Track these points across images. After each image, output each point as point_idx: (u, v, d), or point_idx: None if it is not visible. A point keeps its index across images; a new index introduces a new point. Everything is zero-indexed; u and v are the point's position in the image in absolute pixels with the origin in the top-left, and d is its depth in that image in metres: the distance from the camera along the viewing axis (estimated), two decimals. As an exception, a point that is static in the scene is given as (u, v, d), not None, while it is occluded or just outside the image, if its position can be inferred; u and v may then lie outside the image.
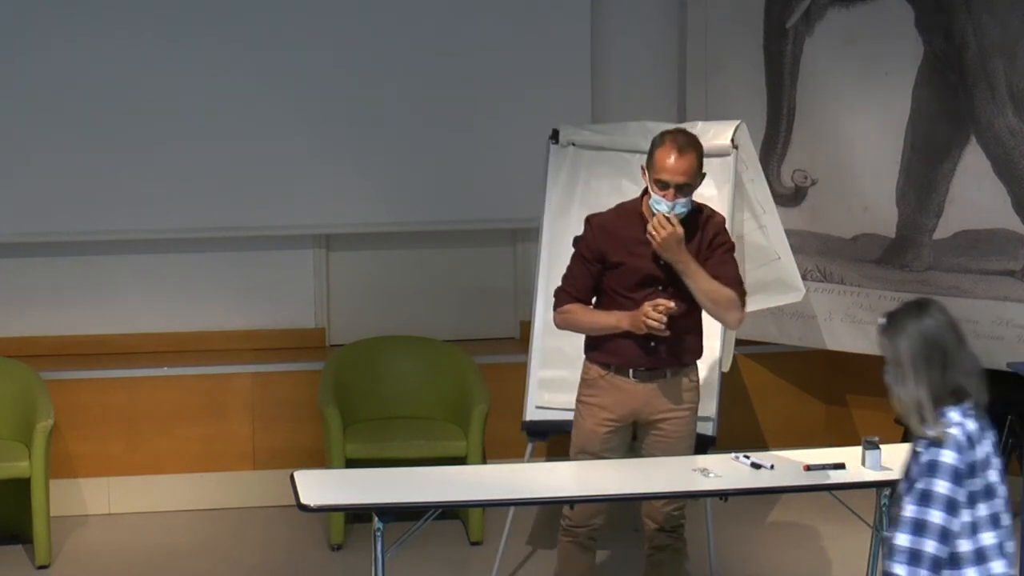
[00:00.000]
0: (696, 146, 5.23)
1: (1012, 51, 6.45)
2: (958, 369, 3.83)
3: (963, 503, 3.74)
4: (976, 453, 3.79)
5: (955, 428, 3.77)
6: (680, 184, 5.16)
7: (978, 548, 3.76)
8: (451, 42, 7.44)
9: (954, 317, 3.88)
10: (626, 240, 5.26)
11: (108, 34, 7.17)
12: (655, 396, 5.32)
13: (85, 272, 7.40)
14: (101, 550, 6.70)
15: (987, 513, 3.78)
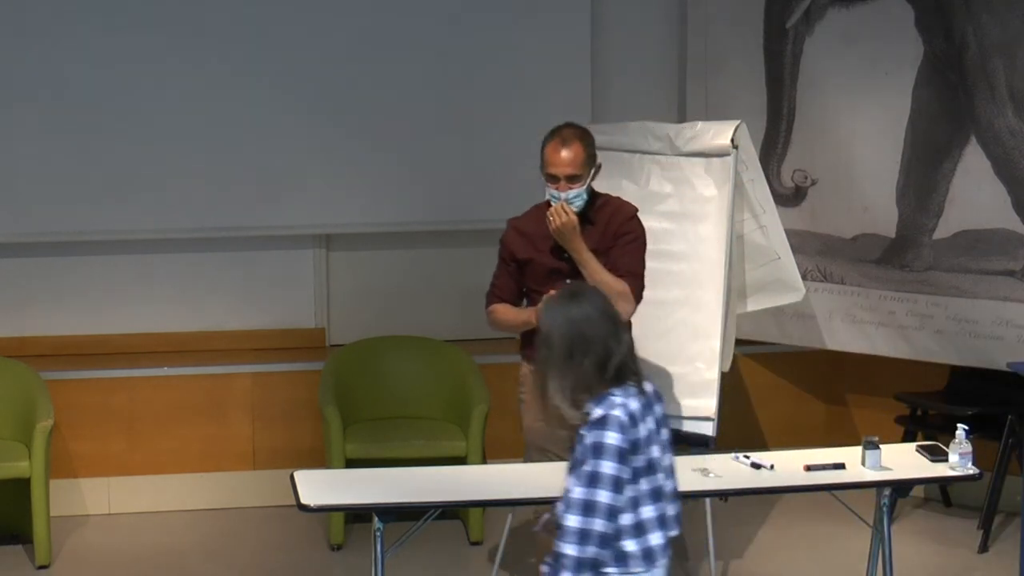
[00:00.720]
0: (583, 138, 5.40)
1: (1012, 51, 6.45)
2: (614, 353, 3.90)
3: (627, 480, 3.86)
4: (639, 431, 3.89)
5: (618, 409, 3.85)
6: (568, 175, 5.35)
7: (638, 521, 3.89)
8: (451, 42, 7.44)
9: (609, 305, 3.99)
10: (535, 237, 5.47)
11: (108, 34, 7.17)
12: None
13: (85, 272, 7.40)
14: (101, 550, 6.70)
15: (648, 488, 3.90)
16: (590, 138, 5.45)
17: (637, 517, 3.90)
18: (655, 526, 3.93)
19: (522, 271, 5.52)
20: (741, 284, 6.40)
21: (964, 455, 5.11)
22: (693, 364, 6.12)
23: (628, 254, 5.39)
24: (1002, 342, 6.61)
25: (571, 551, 3.82)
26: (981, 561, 6.55)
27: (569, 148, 5.37)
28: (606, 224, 5.41)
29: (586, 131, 5.47)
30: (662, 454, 3.97)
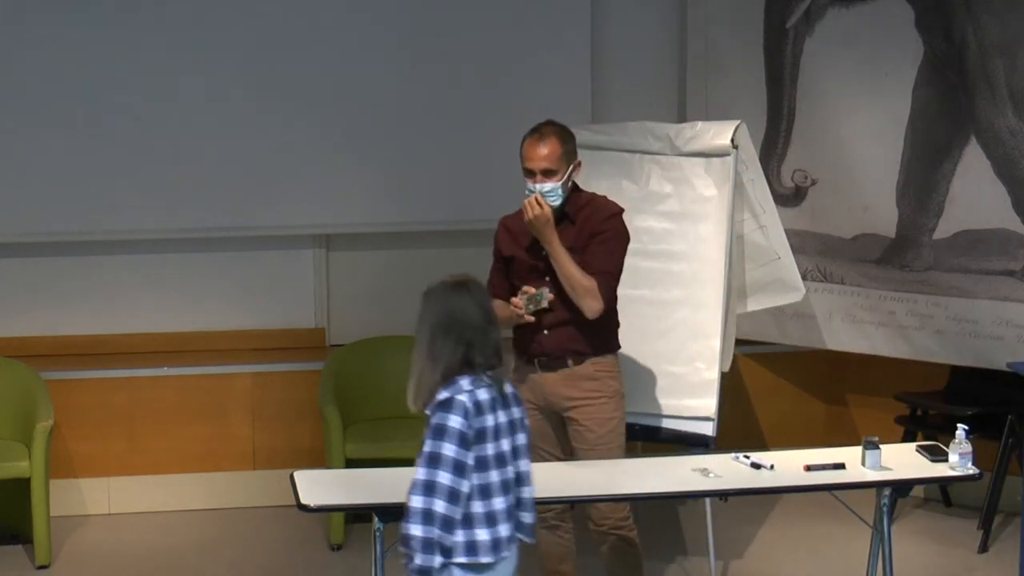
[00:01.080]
0: (559, 133, 5.42)
1: (1012, 51, 6.45)
2: (475, 345, 4.06)
3: (471, 466, 3.97)
4: (486, 421, 4.00)
5: (464, 395, 3.99)
6: (543, 169, 5.38)
7: (489, 511, 3.99)
8: (451, 42, 7.44)
9: (488, 300, 4.21)
10: (518, 234, 5.48)
11: (108, 34, 7.17)
12: (561, 385, 5.42)
13: (85, 272, 7.40)
14: (101, 550, 6.70)
15: (499, 479, 4.01)
16: (569, 136, 5.45)
17: (489, 507, 4.01)
18: (505, 517, 4.03)
19: (508, 268, 5.54)
20: (741, 284, 6.40)
21: (964, 455, 5.11)
22: (693, 364, 6.12)
23: (601, 252, 5.35)
24: (1002, 342, 6.61)
25: (416, 531, 3.92)
26: (981, 561, 6.55)
27: (545, 143, 5.39)
28: (584, 222, 5.40)
29: (566, 129, 5.47)
30: (516, 458, 4.11)
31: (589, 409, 5.40)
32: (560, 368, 5.42)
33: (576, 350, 5.40)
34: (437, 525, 3.93)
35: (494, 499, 4.03)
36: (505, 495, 4.05)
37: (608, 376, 5.45)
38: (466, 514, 3.98)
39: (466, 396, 4.01)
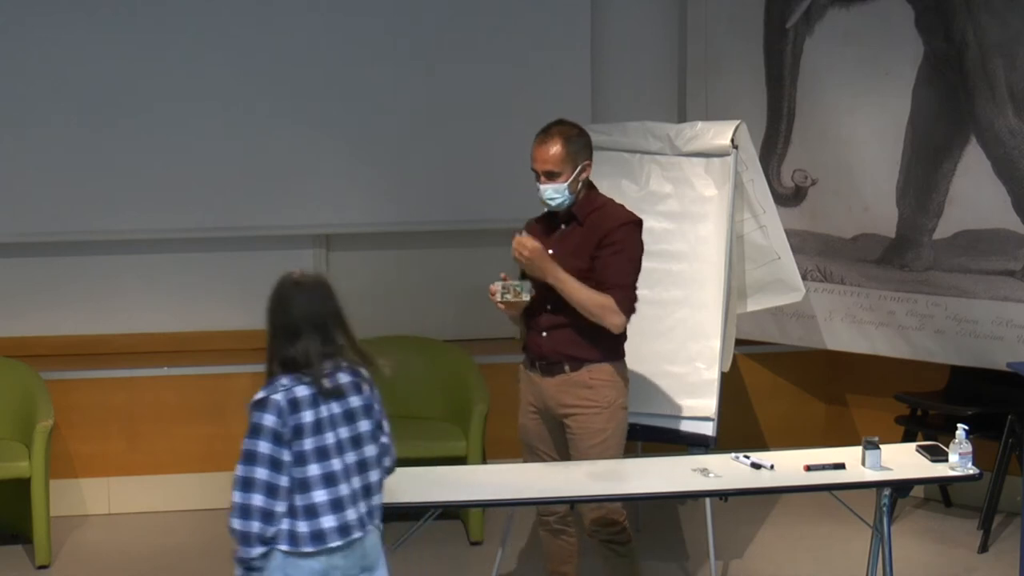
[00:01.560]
0: (565, 134, 5.30)
1: (1012, 51, 6.45)
2: (300, 341, 4.17)
3: (288, 462, 4.11)
4: (303, 417, 4.14)
5: (280, 393, 4.12)
6: (546, 171, 5.29)
7: (308, 504, 4.14)
8: (451, 42, 7.44)
9: (328, 300, 4.25)
10: (538, 233, 5.43)
11: (108, 34, 7.17)
12: (557, 390, 5.39)
13: (85, 272, 7.40)
14: (101, 550, 6.70)
15: (320, 472, 4.15)
16: (578, 136, 5.33)
17: (307, 500, 4.15)
18: (327, 510, 4.17)
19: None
20: (741, 284, 6.40)
21: (964, 455, 5.11)
22: (693, 364, 6.12)
23: (613, 265, 5.26)
24: (1002, 342, 6.61)
25: (236, 525, 4.10)
26: (981, 561, 6.56)
27: (548, 144, 5.29)
28: (593, 226, 5.33)
29: (575, 128, 5.35)
30: (357, 445, 4.25)
31: (581, 418, 5.36)
32: (558, 373, 5.39)
33: (573, 356, 5.35)
34: (256, 519, 4.10)
35: (314, 492, 4.16)
36: (327, 487, 4.17)
37: (604, 385, 5.35)
38: (290, 506, 4.15)
39: (281, 395, 4.13)
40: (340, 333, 4.29)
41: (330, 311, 4.29)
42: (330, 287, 4.36)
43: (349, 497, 4.21)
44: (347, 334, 4.30)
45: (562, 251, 5.34)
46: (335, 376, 4.23)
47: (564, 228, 5.39)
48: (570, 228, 5.37)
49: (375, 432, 4.32)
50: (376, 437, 4.32)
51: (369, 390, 4.33)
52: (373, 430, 4.31)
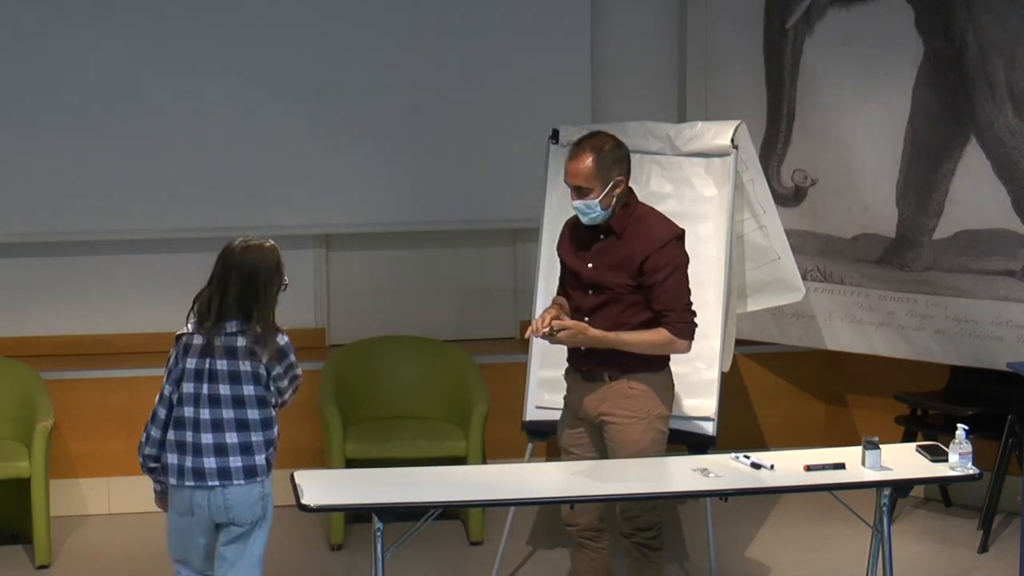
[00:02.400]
0: (596, 148, 5.22)
1: (1012, 51, 6.45)
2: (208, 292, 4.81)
3: (166, 397, 4.82)
4: (178, 362, 4.82)
5: (183, 335, 4.83)
6: (577, 187, 5.23)
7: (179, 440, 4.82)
8: (451, 42, 7.44)
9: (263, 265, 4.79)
10: (571, 241, 5.42)
11: (108, 34, 7.17)
12: (596, 398, 5.37)
13: (85, 272, 7.40)
14: (101, 550, 6.70)
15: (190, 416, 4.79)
16: (611, 151, 5.23)
17: (177, 436, 4.81)
18: (173, 448, 4.82)
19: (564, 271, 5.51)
20: (741, 284, 6.40)
21: (964, 455, 5.11)
22: (693, 364, 6.12)
23: (665, 291, 5.21)
24: (1002, 342, 6.61)
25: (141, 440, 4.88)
26: (981, 561, 6.56)
27: (579, 159, 5.22)
28: (633, 241, 5.25)
29: (609, 143, 5.25)
30: (198, 404, 4.78)
31: (617, 428, 5.34)
32: (596, 381, 5.36)
33: (614, 366, 5.32)
34: (146, 441, 4.85)
35: (171, 430, 4.81)
36: (175, 430, 4.81)
37: (643, 396, 5.32)
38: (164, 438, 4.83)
39: (185, 337, 4.84)
40: (256, 302, 4.76)
41: (254, 277, 4.77)
42: (270, 261, 4.82)
43: (196, 447, 4.78)
44: (261, 306, 4.76)
45: (602, 265, 5.30)
46: (233, 336, 4.76)
47: (603, 239, 5.33)
48: (608, 241, 5.31)
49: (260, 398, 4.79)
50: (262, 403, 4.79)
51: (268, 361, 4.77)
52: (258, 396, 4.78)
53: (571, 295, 5.40)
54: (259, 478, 4.83)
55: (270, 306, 4.80)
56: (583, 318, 5.30)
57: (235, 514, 4.85)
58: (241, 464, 4.80)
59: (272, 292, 4.80)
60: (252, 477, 4.82)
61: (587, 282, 5.33)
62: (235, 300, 4.77)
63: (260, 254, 4.81)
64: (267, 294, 4.79)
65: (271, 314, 4.80)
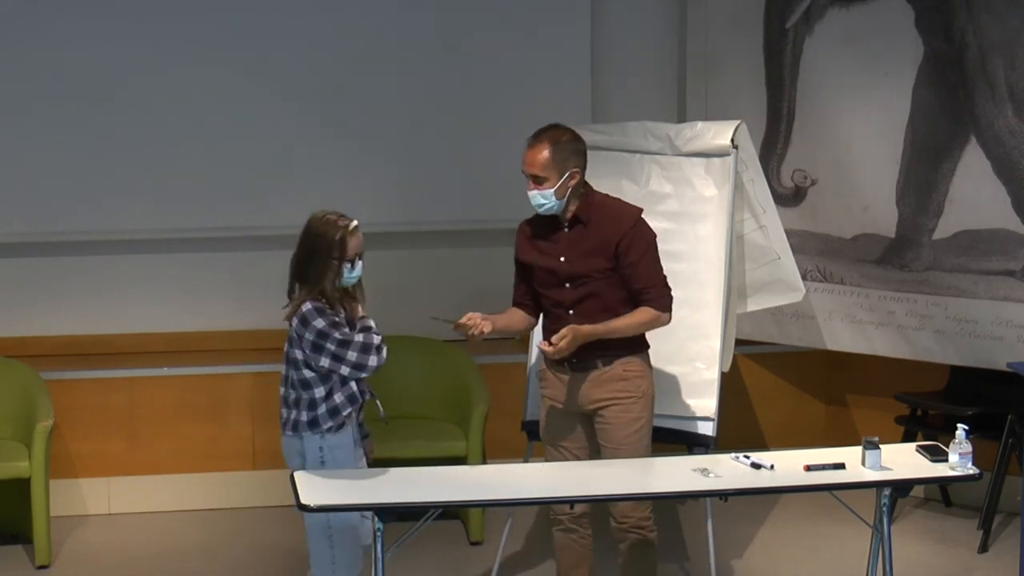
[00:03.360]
0: (553, 139, 5.33)
1: (1012, 51, 6.45)
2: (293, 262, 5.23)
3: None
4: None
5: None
6: (533, 175, 5.34)
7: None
8: (451, 42, 7.44)
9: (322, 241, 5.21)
10: (536, 239, 5.47)
11: (108, 34, 7.17)
12: (590, 386, 5.42)
13: (85, 272, 7.40)
14: (101, 550, 6.70)
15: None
16: (566, 142, 5.34)
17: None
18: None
19: (529, 274, 5.53)
20: (741, 284, 6.40)
21: (964, 455, 5.11)
22: (693, 364, 6.12)
23: (641, 270, 5.32)
24: (1002, 342, 6.61)
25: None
26: (981, 561, 6.56)
27: (536, 148, 5.33)
28: (601, 226, 5.34)
29: (566, 135, 5.37)
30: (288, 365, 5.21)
31: (616, 408, 5.41)
32: (590, 371, 5.41)
33: (605, 352, 5.38)
34: None
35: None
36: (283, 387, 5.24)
37: (637, 376, 5.43)
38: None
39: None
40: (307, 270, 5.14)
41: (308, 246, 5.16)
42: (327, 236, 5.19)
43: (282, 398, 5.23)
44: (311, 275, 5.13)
45: (575, 255, 5.36)
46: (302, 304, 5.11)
47: (567, 231, 5.39)
48: (576, 231, 5.38)
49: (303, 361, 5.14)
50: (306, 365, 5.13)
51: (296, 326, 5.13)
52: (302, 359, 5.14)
53: (545, 294, 5.44)
54: (300, 433, 5.14)
55: (320, 277, 5.11)
56: (567, 312, 5.37)
57: (287, 463, 5.21)
58: (288, 417, 5.19)
59: (323, 265, 5.12)
60: (295, 431, 5.15)
61: (564, 276, 5.38)
62: (294, 266, 5.18)
63: (323, 227, 5.17)
64: (317, 265, 5.12)
65: (320, 285, 5.12)
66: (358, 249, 5.25)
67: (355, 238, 5.24)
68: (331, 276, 5.14)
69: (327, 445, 5.15)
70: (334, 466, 5.14)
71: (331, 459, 5.15)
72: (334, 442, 5.16)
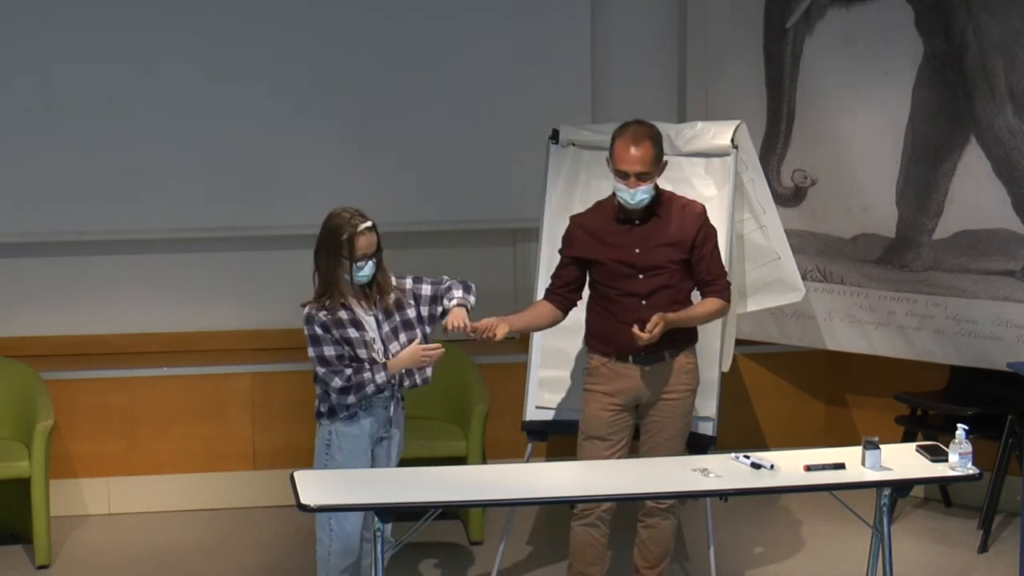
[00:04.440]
0: (653, 136, 5.51)
1: (1012, 51, 6.45)
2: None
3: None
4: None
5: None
6: (638, 173, 5.44)
7: None
8: (451, 42, 7.44)
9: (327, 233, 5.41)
10: (602, 234, 5.56)
11: (108, 33, 7.17)
12: (654, 378, 5.56)
13: (85, 272, 7.40)
14: (101, 550, 6.70)
15: None
16: (660, 138, 5.55)
17: None
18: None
19: (588, 268, 5.62)
20: (741, 284, 6.40)
21: (964, 455, 5.11)
22: (693, 364, 6.12)
23: (713, 260, 5.58)
24: (1002, 342, 6.61)
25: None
26: (981, 561, 6.56)
27: (639, 146, 5.46)
28: (679, 220, 5.53)
29: (656, 129, 5.58)
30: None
31: (674, 403, 5.59)
32: (657, 362, 5.56)
33: (672, 344, 5.53)
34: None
35: None
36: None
37: (695, 368, 5.65)
38: None
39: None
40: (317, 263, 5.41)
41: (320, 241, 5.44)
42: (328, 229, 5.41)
43: None
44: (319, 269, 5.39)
45: (650, 246, 5.52)
46: None
47: (640, 224, 5.53)
48: (650, 224, 5.53)
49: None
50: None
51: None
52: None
53: (615, 286, 5.54)
54: (320, 421, 5.36)
55: (331, 271, 5.27)
56: (640, 302, 5.50)
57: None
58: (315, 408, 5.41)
59: (333, 260, 5.27)
60: (318, 419, 5.38)
61: (640, 267, 5.51)
62: (314, 257, 5.36)
63: (335, 224, 5.34)
64: (328, 259, 5.27)
65: (331, 279, 5.26)
66: (366, 250, 5.29)
67: (364, 238, 5.29)
68: (341, 272, 5.26)
69: (336, 431, 5.30)
70: (340, 454, 5.28)
71: (338, 446, 5.29)
72: (343, 430, 5.29)
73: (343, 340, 5.25)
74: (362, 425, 5.31)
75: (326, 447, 5.32)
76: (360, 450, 5.30)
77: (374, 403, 5.32)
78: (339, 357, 5.26)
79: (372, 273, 5.33)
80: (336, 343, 5.26)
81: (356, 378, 5.25)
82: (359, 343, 5.27)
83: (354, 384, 5.25)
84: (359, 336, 5.27)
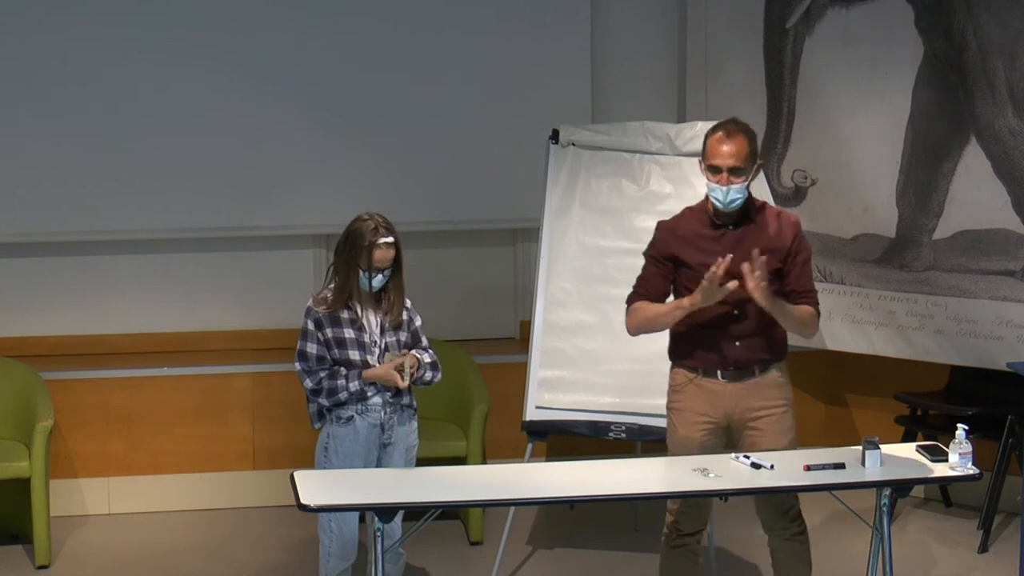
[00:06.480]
0: (747, 133, 5.26)
1: (1012, 51, 6.45)
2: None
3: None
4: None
5: None
6: (731, 167, 5.18)
7: None
8: (451, 42, 7.44)
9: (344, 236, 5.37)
10: (693, 238, 5.31)
11: (108, 35, 7.18)
12: (746, 395, 5.30)
13: (85, 272, 7.40)
14: (101, 550, 6.70)
15: None
16: (754, 136, 5.30)
17: None
18: None
19: (677, 272, 5.33)
20: (741, 284, 6.39)
21: (964, 455, 5.11)
22: (694, 364, 6.11)
23: (806, 273, 5.31)
24: (1002, 342, 6.61)
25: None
26: (981, 561, 6.56)
27: (733, 141, 5.20)
28: (775, 230, 5.28)
29: (750, 129, 5.33)
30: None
31: (771, 419, 5.31)
32: (747, 378, 5.30)
33: (762, 358, 5.30)
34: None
35: None
36: None
37: (788, 383, 5.38)
38: None
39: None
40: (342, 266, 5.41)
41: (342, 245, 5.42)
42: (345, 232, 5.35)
43: None
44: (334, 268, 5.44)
45: (743, 251, 5.19)
46: None
47: (733, 230, 5.27)
48: (743, 229, 5.27)
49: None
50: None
51: None
52: None
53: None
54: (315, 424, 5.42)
55: (345, 273, 5.29)
56: (733, 311, 5.23)
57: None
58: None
59: (342, 260, 5.29)
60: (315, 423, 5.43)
61: (732, 273, 5.14)
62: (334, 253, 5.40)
63: (357, 229, 5.31)
64: (345, 261, 5.29)
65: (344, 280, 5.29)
66: (381, 264, 5.32)
67: (381, 252, 5.31)
68: (353, 276, 5.29)
69: (332, 433, 5.33)
70: (336, 457, 5.30)
71: (334, 449, 5.32)
72: (338, 433, 5.31)
73: (333, 341, 5.26)
74: (357, 429, 5.30)
75: (324, 449, 5.34)
76: (356, 454, 5.29)
77: (369, 408, 5.31)
78: (319, 358, 5.26)
79: (381, 287, 5.33)
80: (322, 344, 5.26)
81: (328, 383, 5.26)
82: (353, 344, 5.26)
83: (325, 388, 5.26)
84: (355, 337, 5.27)
